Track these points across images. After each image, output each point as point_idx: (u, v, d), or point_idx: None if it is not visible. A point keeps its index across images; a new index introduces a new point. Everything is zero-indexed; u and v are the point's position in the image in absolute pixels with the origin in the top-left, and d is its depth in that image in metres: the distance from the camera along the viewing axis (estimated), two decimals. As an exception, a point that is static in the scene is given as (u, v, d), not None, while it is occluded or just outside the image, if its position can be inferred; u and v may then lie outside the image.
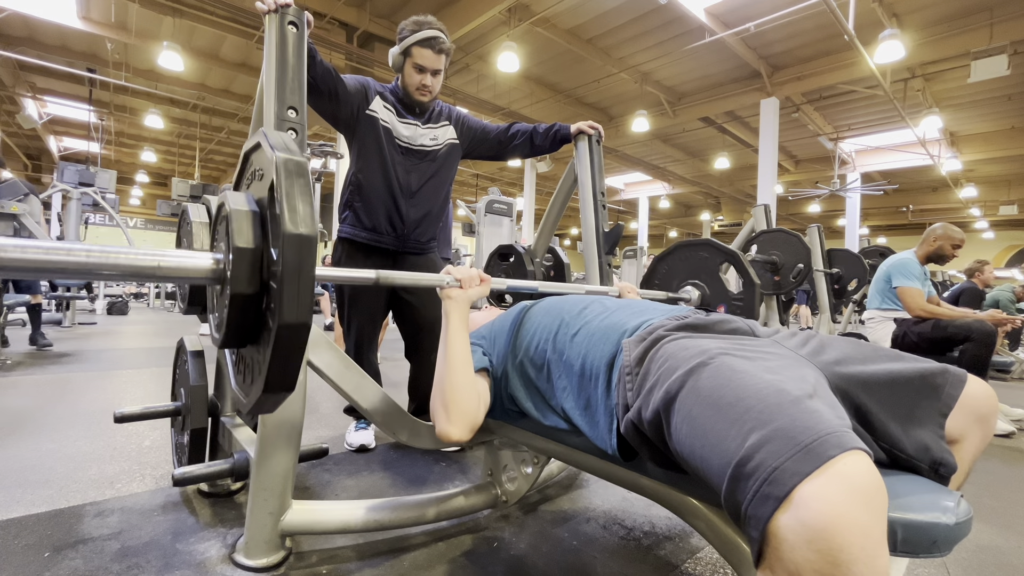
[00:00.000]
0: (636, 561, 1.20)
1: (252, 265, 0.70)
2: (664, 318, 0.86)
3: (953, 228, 2.76)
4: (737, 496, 0.51)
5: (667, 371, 0.68)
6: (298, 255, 0.66)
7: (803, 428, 0.50)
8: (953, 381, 0.75)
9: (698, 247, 1.81)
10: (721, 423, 0.56)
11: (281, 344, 0.67)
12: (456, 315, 1.03)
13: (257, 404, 0.74)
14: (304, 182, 0.69)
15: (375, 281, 0.96)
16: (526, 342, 1.01)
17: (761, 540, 0.49)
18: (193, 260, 0.73)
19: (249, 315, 0.72)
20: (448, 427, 0.94)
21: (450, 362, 0.98)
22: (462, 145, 1.90)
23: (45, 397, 2.49)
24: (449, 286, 1.05)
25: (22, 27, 7.82)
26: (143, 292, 11.97)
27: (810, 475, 0.46)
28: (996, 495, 1.73)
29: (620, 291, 1.50)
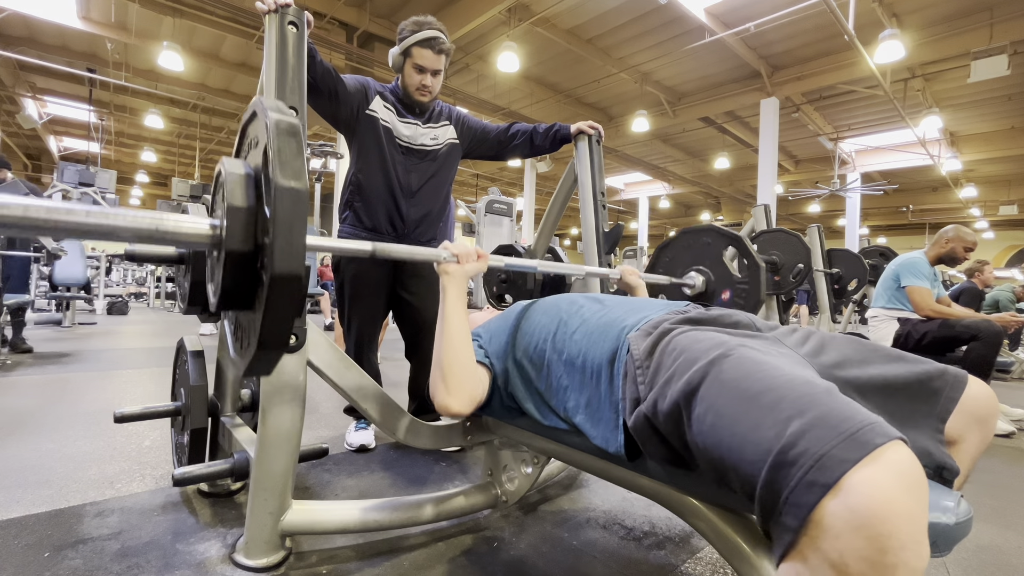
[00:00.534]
0: (636, 561, 1.20)
1: (246, 224, 0.72)
2: (664, 313, 0.86)
3: (965, 231, 2.75)
4: (778, 484, 0.50)
5: (685, 362, 0.68)
6: (290, 208, 0.67)
7: (845, 416, 0.50)
8: (953, 384, 0.75)
9: (701, 233, 1.80)
10: (754, 412, 0.55)
11: (274, 297, 0.68)
12: (453, 290, 1.03)
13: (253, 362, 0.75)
14: (296, 142, 0.70)
15: (371, 253, 0.96)
16: (525, 341, 1.01)
17: (798, 529, 0.48)
18: (191, 223, 0.74)
19: (244, 274, 0.73)
20: (447, 399, 0.95)
21: (448, 336, 0.98)
22: (462, 145, 1.90)
23: (45, 397, 2.49)
24: (446, 261, 1.04)
25: (22, 27, 7.82)
26: (143, 292, 11.97)
27: (859, 462, 0.46)
28: (996, 495, 1.73)
29: (621, 274, 1.50)
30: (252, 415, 1.54)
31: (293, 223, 0.67)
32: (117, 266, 12.30)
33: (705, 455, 0.61)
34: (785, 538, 0.50)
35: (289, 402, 1.09)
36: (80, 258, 5.14)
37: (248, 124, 0.84)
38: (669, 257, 1.87)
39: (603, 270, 1.50)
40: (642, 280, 1.54)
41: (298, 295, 0.70)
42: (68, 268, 5.04)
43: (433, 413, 1.95)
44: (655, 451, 0.73)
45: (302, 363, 1.11)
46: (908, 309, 2.76)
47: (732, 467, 0.57)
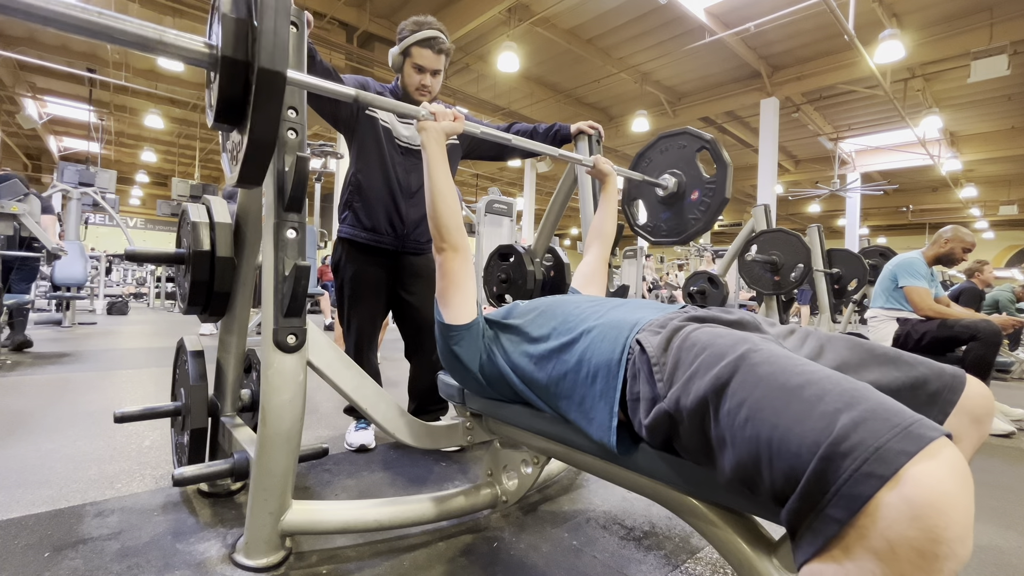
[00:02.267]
0: (636, 561, 1.20)
1: (237, 35, 0.82)
2: (667, 313, 0.87)
3: (964, 231, 2.75)
4: (828, 475, 0.50)
5: (710, 358, 0.67)
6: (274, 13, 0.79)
7: (894, 411, 0.51)
8: (951, 385, 0.75)
9: (677, 136, 1.86)
10: (796, 404, 0.55)
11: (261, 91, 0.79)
12: (433, 143, 1.13)
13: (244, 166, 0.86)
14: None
15: (354, 98, 1.05)
16: (522, 336, 1.01)
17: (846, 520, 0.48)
18: (192, 40, 0.85)
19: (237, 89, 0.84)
20: (443, 241, 1.08)
21: (436, 188, 1.10)
22: (462, 145, 1.90)
23: (45, 397, 2.49)
24: (424, 118, 1.15)
25: (22, 27, 7.83)
26: (143, 292, 11.97)
27: (916, 455, 0.47)
28: (996, 495, 1.73)
29: (595, 161, 1.57)
30: (252, 415, 1.54)
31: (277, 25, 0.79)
32: (117, 266, 12.30)
33: (732, 451, 0.61)
34: (826, 531, 0.50)
35: (289, 402, 1.09)
36: (80, 258, 5.14)
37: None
38: (647, 162, 1.92)
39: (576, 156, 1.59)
40: (614, 170, 1.58)
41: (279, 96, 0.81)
42: (68, 268, 5.04)
43: (433, 413, 1.95)
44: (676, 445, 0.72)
45: (302, 363, 1.11)
46: (907, 309, 2.76)
47: (767, 462, 0.56)
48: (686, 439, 0.69)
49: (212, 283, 1.31)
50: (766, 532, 0.73)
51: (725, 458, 0.63)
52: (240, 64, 0.83)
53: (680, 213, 1.83)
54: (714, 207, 1.74)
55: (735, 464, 0.61)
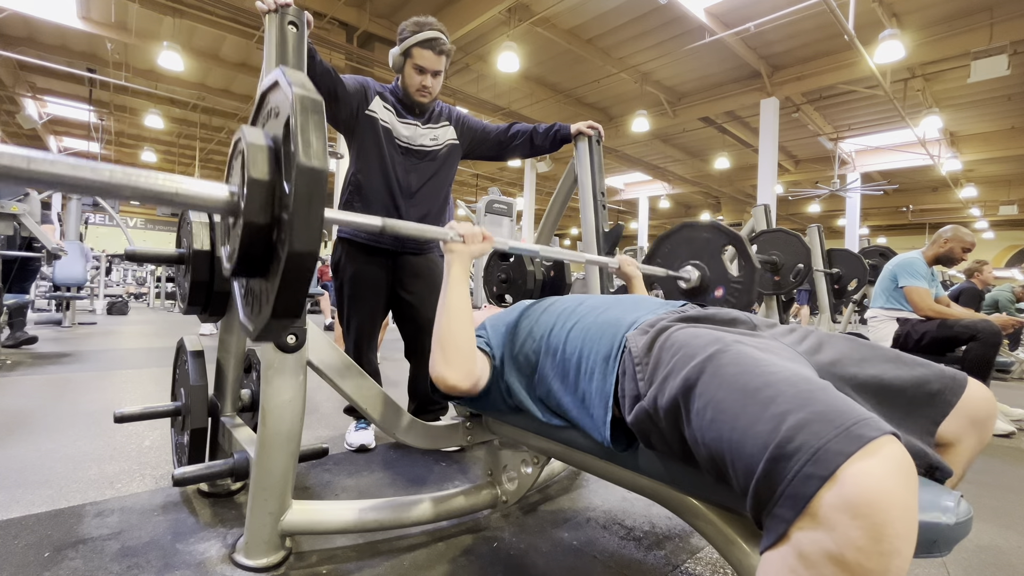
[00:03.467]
0: (636, 561, 1.20)
1: (265, 197, 0.73)
2: (662, 312, 0.87)
3: (964, 231, 2.75)
4: (775, 476, 0.51)
5: (683, 358, 0.68)
6: (309, 187, 0.68)
7: (840, 412, 0.52)
8: (951, 387, 0.75)
9: (701, 228, 1.80)
10: (752, 407, 0.57)
11: (290, 271, 0.70)
12: (458, 266, 1.05)
13: (264, 330, 0.78)
14: (319, 119, 0.71)
15: (381, 229, 0.99)
16: (523, 337, 1.01)
17: (792, 519, 0.49)
18: (210, 189, 0.76)
19: (259, 245, 0.75)
20: (445, 371, 0.95)
21: (449, 309, 1.00)
22: (462, 145, 1.90)
23: (45, 397, 2.49)
24: (452, 240, 1.07)
25: (22, 27, 7.82)
26: (143, 292, 11.97)
27: (854, 455, 0.47)
28: (996, 495, 1.73)
29: (619, 263, 1.53)
30: (252, 415, 1.54)
31: (312, 202, 0.69)
32: (117, 266, 12.30)
33: (704, 450, 0.62)
34: (778, 528, 0.51)
35: (289, 402, 1.09)
36: (80, 258, 5.15)
37: (268, 92, 0.85)
38: (668, 248, 1.88)
39: (602, 258, 1.53)
40: (639, 270, 1.55)
41: (311, 270, 0.73)
42: (68, 268, 5.04)
43: (433, 413, 1.95)
44: (658, 444, 0.73)
45: (302, 363, 1.11)
46: (907, 309, 2.76)
47: (730, 462, 0.57)
48: (667, 436, 0.70)
49: (212, 283, 1.31)
50: (766, 532, 0.73)
51: (699, 456, 0.64)
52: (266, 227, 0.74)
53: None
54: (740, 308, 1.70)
55: (709, 462, 0.62)
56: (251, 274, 0.80)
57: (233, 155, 0.83)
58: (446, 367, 0.95)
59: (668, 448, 0.72)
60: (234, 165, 0.82)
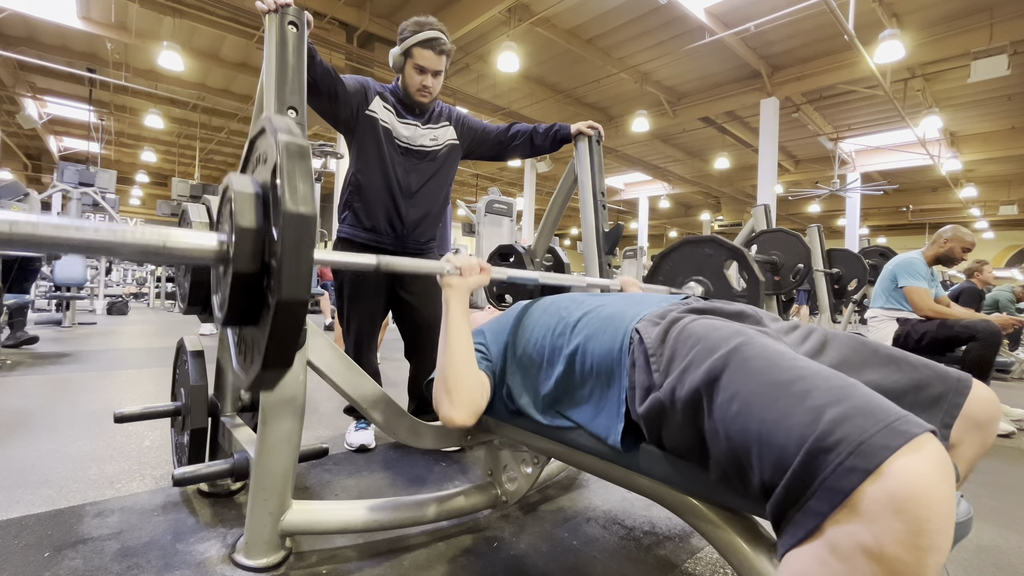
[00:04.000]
0: (636, 561, 1.20)
1: (254, 245, 0.72)
2: (668, 304, 0.87)
3: (964, 231, 2.75)
4: (812, 469, 0.51)
5: (703, 350, 0.68)
6: (297, 234, 0.67)
7: (879, 408, 0.52)
8: (956, 389, 0.74)
9: (702, 244, 1.80)
10: (784, 399, 0.56)
11: (279, 320, 0.69)
12: (456, 302, 1.03)
13: (256, 380, 0.76)
14: (306, 164, 0.71)
15: (376, 267, 0.96)
16: (525, 338, 1.01)
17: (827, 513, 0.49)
18: (198, 240, 0.75)
19: (250, 294, 0.74)
20: (452, 412, 0.96)
21: (451, 349, 0.99)
22: (462, 145, 1.90)
23: (45, 397, 2.49)
24: (449, 274, 1.05)
25: (22, 27, 7.82)
26: (143, 292, 11.97)
27: (899, 449, 0.48)
28: (996, 495, 1.73)
29: (622, 285, 1.50)
30: (252, 415, 1.54)
31: (300, 249, 0.68)
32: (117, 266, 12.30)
33: (725, 443, 0.61)
34: (810, 523, 0.50)
35: (289, 402, 1.09)
36: (80, 258, 5.15)
37: (257, 139, 0.85)
38: (670, 265, 1.88)
39: (603, 280, 1.51)
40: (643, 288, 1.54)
41: (302, 318, 0.71)
42: (68, 268, 5.04)
43: (432, 413, 1.95)
44: (667, 438, 0.73)
45: (302, 363, 1.11)
46: (907, 309, 2.76)
47: (757, 455, 0.57)
48: (677, 430, 0.70)
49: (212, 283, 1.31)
50: (766, 532, 0.73)
51: (717, 450, 0.63)
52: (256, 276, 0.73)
53: None
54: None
55: (725, 456, 0.62)
56: (243, 323, 0.79)
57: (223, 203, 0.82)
58: (452, 409, 0.96)
59: (676, 441, 0.71)
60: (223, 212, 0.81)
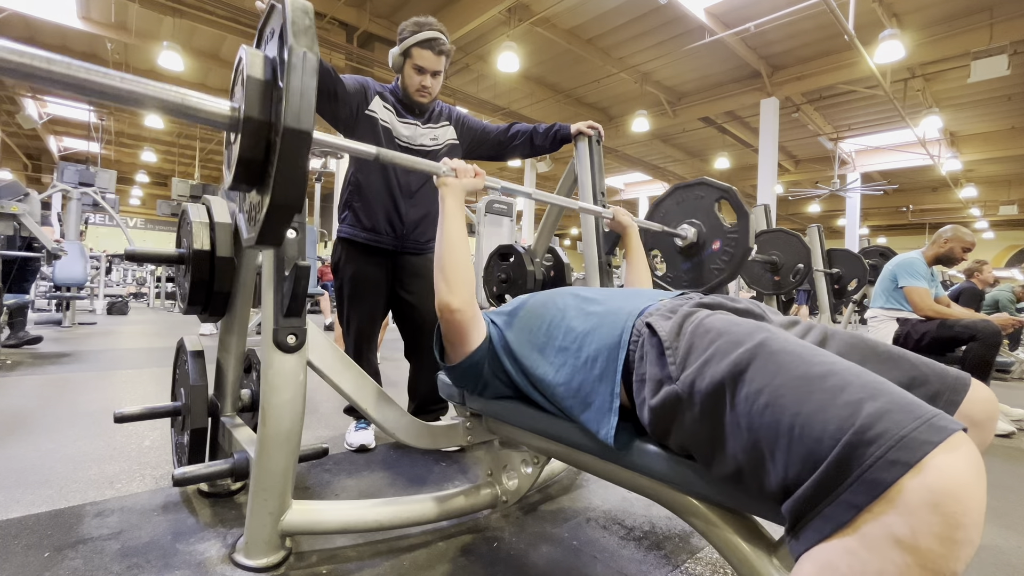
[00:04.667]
0: (636, 561, 1.20)
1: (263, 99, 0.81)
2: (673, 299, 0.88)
3: (963, 231, 2.75)
4: (851, 462, 0.51)
5: (726, 344, 0.68)
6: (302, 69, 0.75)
7: (915, 404, 0.53)
8: (954, 387, 0.74)
9: (693, 187, 1.85)
10: (819, 393, 0.57)
11: (285, 151, 0.76)
12: (452, 199, 1.11)
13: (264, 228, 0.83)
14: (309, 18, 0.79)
15: (375, 156, 1.05)
16: (522, 330, 1.01)
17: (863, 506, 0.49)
18: (215, 104, 0.84)
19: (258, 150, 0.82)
20: (449, 297, 1.00)
21: (447, 240, 1.06)
22: (462, 145, 1.90)
23: (45, 397, 2.49)
24: (445, 175, 1.14)
25: (22, 27, 7.82)
26: (143, 292, 11.97)
27: (940, 445, 0.48)
28: (996, 495, 1.73)
29: (614, 213, 1.55)
30: (252, 415, 1.54)
31: (304, 86, 0.75)
32: (117, 266, 12.30)
33: (747, 435, 0.61)
34: (840, 516, 0.51)
35: (289, 402, 1.09)
36: (80, 258, 5.14)
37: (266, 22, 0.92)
38: (663, 212, 1.92)
39: (595, 207, 1.55)
40: (634, 221, 1.56)
41: (305, 156, 0.78)
42: (68, 268, 5.04)
43: (433, 413, 1.95)
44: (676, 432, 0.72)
45: (302, 363, 1.11)
46: (907, 309, 2.76)
47: (785, 447, 0.57)
48: (692, 423, 0.69)
49: (212, 283, 1.31)
50: (766, 532, 0.73)
51: (736, 444, 0.63)
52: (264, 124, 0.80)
53: (701, 264, 1.82)
54: (737, 257, 1.73)
55: (747, 450, 0.62)
56: (250, 182, 0.86)
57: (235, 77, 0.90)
58: (450, 294, 1.00)
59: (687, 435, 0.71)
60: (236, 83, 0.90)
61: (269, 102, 0.81)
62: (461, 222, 1.10)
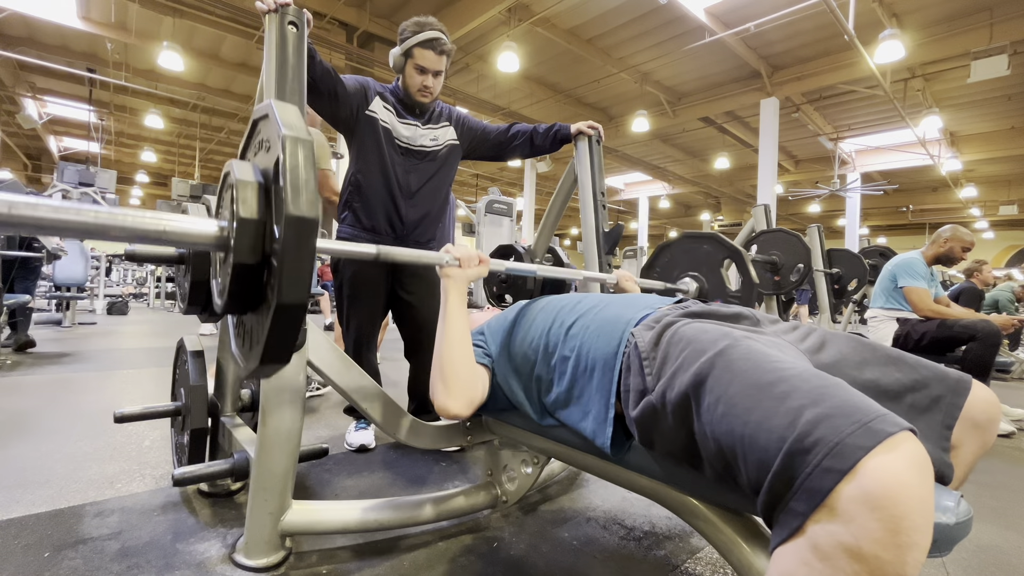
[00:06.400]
0: (636, 561, 1.20)
1: (254, 237, 0.72)
2: (666, 307, 0.87)
3: (963, 230, 2.75)
4: (792, 470, 0.51)
5: (692, 353, 0.68)
6: (298, 236, 0.67)
7: (856, 407, 0.52)
8: (956, 389, 0.74)
9: (702, 240, 1.82)
10: (766, 401, 0.57)
11: (279, 321, 0.69)
12: (454, 293, 1.04)
13: (255, 372, 0.77)
14: (309, 159, 0.70)
15: (376, 256, 0.97)
16: (521, 338, 1.01)
17: (808, 513, 0.49)
18: (198, 225, 0.74)
19: (250, 285, 0.74)
20: (447, 400, 0.96)
21: (448, 338, 1.00)
22: (462, 146, 1.90)
23: (45, 397, 2.49)
24: (448, 265, 1.05)
25: (22, 27, 7.82)
26: (143, 292, 11.97)
27: (874, 449, 0.48)
28: (996, 495, 1.73)
29: (618, 279, 1.52)
30: (252, 415, 1.54)
31: (301, 251, 0.67)
32: (117, 266, 12.30)
33: (713, 445, 0.62)
34: (792, 523, 0.51)
35: (289, 402, 1.09)
36: (81, 258, 5.14)
37: (260, 121, 0.83)
38: (668, 258, 1.88)
39: (600, 275, 1.52)
40: (637, 285, 1.55)
41: (302, 317, 0.71)
42: (68, 268, 5.04)
43: (433, 413, 1.95)
44: (659, 441, 0.73)
45: (302, 363, 1.11)
46: (906, 309, 2.76)
47: (742, 456, 0.57)
48: (668, 432, 0.70)
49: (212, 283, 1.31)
50: (766, 532, 0.73)
51: (707, 452, 0.64)
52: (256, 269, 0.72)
53: None
54: None
55: (716, 458, 0.62)
56: (243, 311, 0.78)
57: (223, 188, 0.81)
58: (448, 398, 0.96)
59: (668, 445, 0.71)
60: (224, 198, 0.80)
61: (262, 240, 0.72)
62: (464, 318, 1.03)
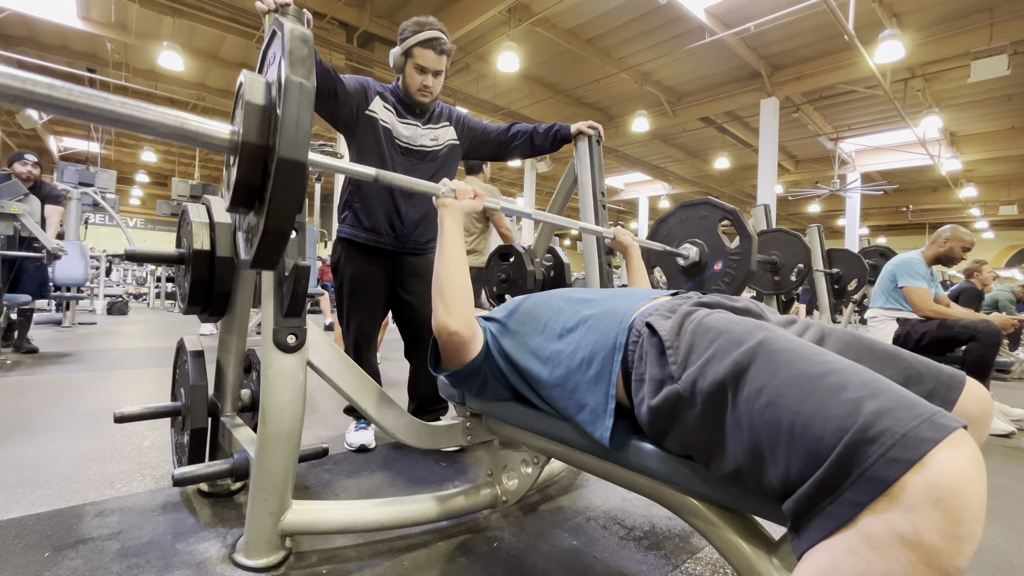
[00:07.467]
0: (636, 561, 1.20)
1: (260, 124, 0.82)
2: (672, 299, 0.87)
3: (963, 230, 2.75)
4: (853, 460, 0.51)
5: (727, 343, 0.68)
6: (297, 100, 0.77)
7: (915, 402, 0.53)
8: (949, 385, 0.75)
9: (697, 206, 1.85)
10: (819, 392, 0.57)
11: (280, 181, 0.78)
12: (450, 220, 1.10)
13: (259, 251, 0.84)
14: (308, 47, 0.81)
15: (375, 178, 1.05)
16: (518, 330, 1.01)
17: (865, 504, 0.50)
18: (213, 126, 0.86)
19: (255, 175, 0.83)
20: (447, 319, 0.99)
21: (446, 262, 1.05)
22: (462, 146, 1.90)
23: (45, 397, 2.49)
24: (444, 195, 1.13)
25: (22, 27, 7.82)
26: (143, 292, 11.97)
27: (942, 442, 0.49)
28: (996, 495, 1.73)
29: (615, 233, 1.54)
30: (252, 415, 1.54)
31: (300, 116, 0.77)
32: (117, 266, 12.30)
33: (748, 436, 0.61)
34: (843, 514, 0.51)
35: (289, 402, 1.09)
36: (81, 258, 5.14)
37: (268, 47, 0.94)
38: (666, 230, 1.92)
39: (596, 227, 1.54)
40: (635, 241, 1.55)
41: (301, 185, 0.79)
42: (68, 268, 5.03)
43: (433, 413, 1.95)
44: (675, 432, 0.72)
45: (302, 363, 1.11)
46: (906, 309, 2.76)
47: (785, 447, 0.57)
48: (692, 422, 0.69)
49: (212, 283, 1.31)
50: (766, 532, 0.73)
51: (736, 443, 0.63)
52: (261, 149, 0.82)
53: (702, 284, 1.83)
54: (739, 278, 1.73)
55: (747, 449, 0.62)
56: (248, 204, 0.87)
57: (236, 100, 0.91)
58: (448, 316, 0.99)
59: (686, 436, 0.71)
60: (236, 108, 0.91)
61: (267, 129, 0.82)
62: (460, 243, 1.08)
